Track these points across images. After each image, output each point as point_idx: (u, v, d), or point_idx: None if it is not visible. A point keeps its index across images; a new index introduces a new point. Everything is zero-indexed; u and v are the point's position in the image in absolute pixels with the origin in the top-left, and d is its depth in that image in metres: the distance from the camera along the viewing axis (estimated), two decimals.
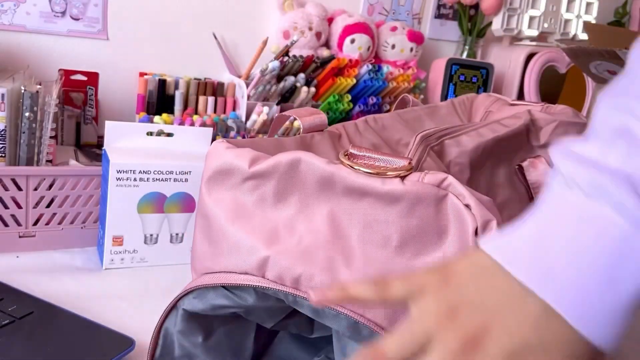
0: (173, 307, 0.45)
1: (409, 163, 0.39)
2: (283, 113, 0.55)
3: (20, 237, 0.72)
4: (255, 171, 0.41)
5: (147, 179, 0.69)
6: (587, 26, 1.27)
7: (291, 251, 0.39)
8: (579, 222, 0.29)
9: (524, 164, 0.59)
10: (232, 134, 0.92)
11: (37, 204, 0.71)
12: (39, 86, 0.72)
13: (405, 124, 0.61)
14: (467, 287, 0.30)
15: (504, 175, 0.55)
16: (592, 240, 0.28)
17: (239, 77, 1.07)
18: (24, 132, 0.71)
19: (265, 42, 1.06)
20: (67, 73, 0.96)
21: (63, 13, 0.97)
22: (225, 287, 0.41)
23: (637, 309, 0.29)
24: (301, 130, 0.52)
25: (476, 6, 1.30)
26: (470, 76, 1.23)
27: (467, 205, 0.37)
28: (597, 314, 0.28)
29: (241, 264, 0.40)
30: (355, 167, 0.39)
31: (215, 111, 1.00)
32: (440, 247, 0.38)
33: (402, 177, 0.38)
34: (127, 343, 0.53)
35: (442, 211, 0.38)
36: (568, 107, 0.66)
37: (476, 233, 0.37)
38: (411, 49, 1.20)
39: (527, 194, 0.58)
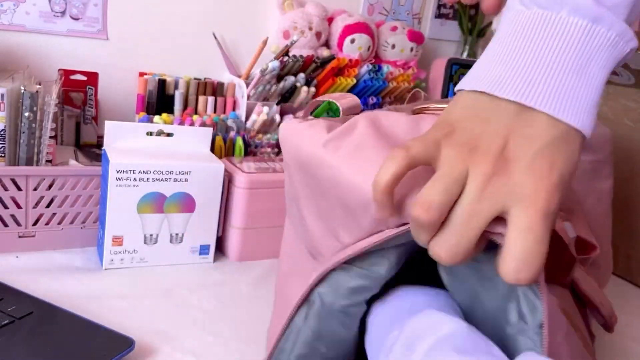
0: (305, 300, 0.44)
1: None
2: (317, 99, 0.56)
3: (20, 237, 0.71)
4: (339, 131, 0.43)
5: (147, 179, 0.69)
6: None
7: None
8: (543, 31, 0.32)
9: None
10: (232, 134, 0.92)
11: (36, 204, 0.71)
12: (38, 86, 0.72)
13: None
14: (472, 125, 0.33)
15: None
16: (558, 43, 0.31)
17: (239, 77, 1.06)
18: (23, 132, 0.71)
19: (265, 42, 1.06)
20: (66, 73, 0.96)
21: (63, 13, 0.97)
22: (356, 265, 0.41)
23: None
24: (341, 112, 0.53)
25: (476, 6, 1.30)
26: None
27: None
28: (575, 105, 0.31)
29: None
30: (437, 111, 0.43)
31: (215, 111, 0.99)
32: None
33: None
34: (127, 343, 0.53)
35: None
36: None
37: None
38: (411, 49, 1.20)
39: None
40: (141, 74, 0.99)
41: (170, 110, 0.97)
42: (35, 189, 0.71)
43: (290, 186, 0.47)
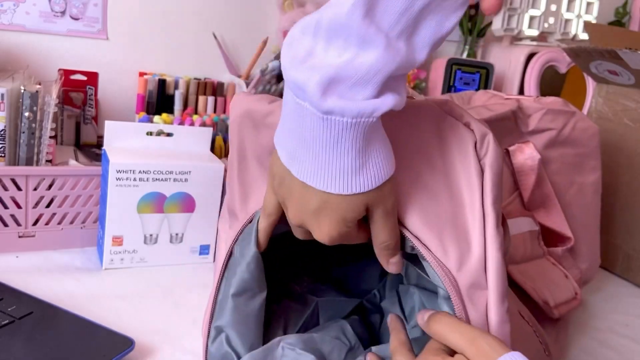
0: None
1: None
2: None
3: (19, 237, 0.71)
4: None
5: (147, 179, 0.69)
6: (587, 26, 1.27)
7: None
8: (301, 117, 0.37)
9: (511, 148, 0.62)
10: None
11: (36, 204, 0.71)
12: (38, 86, 0.72)
13: None
14: (275, 178, 0.42)
15: None
16: (312, 127, 0.37)
17: (239, 77, 1.06)
18: (23, 132, 0.71)
19: (265, 42, 1.06)
20: (66, 73, 0.96)
21: (63, 13, 0.97)
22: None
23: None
24: None
25: (476, 6, 1.30)
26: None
27: (465, 124, 0.41)
28: (331, 176, 0.38)
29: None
30: None
31: (215, 111, 1.00)
32: (444, 162, 0.41)
33: (411, 98, 0.43)
34: (127, 343, 0.53)
35: (443, 128, 0.42)
36: (558, 97, 0.68)
37: (475, 146, 0.41)
38: None
39: (512, 177, 0.62)
40: (141, 74, 1.00)
41: (170, 110, 0.97)
42: (35, 189, 0.71)
43: (230, 153, 0.52)
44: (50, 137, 0.73)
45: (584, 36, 1.36)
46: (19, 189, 0.70)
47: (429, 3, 0.35)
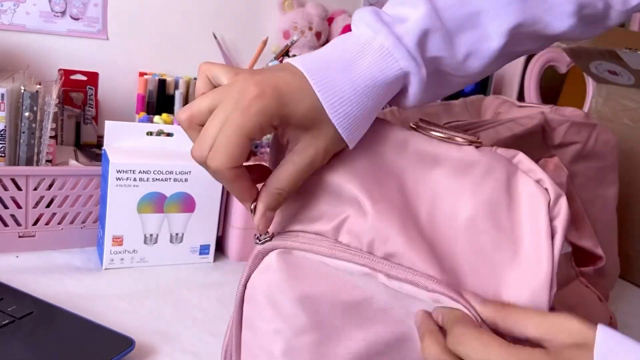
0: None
1: (477, 137, 0.39)
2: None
3: (20, 237, 0.71)
4: None
5: (147, 179, 0.69)
6: None
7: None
8: (348, 37, 0.40)
9: (539, 163, 0.59)
10: None
11: (36, 204, 0.71)
12: (38, 86, 0.72)
13: (425, 116, 0.62)
14: (267, 71, 0.38)
15: None
16: (347, 45, 0.39)
17: None
18: (23, 132, 0.71)
19: (265, 42, 1.06)
20: (67, 73, 0.96)
21: (63, 13, 0.97)
22: None
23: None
24: None
25: None
26: None
27: (537, 181, 0.38)
28: (330, 76, 0.37)
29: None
30: (431, 132, 0.39)
31: None
32: (510, 220, 0.37)
33: (476, 146, 0.38)
34: (127, 343, 0.53)
35: (513, 185, 0.38)
36: (577, 109, 0.67)
37: (548, 207, 0.37)
38: None
39: None
40: (141, 74, 1.00)
41: (170, 110, 0.97)
42: (35, 189, 0.71)
43: None
44: (51, 137, 0.73)
45: None
46: (19, 189, 0.70)
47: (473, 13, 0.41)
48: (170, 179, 0.70)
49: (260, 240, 0.40)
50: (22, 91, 0.70)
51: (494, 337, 0.33)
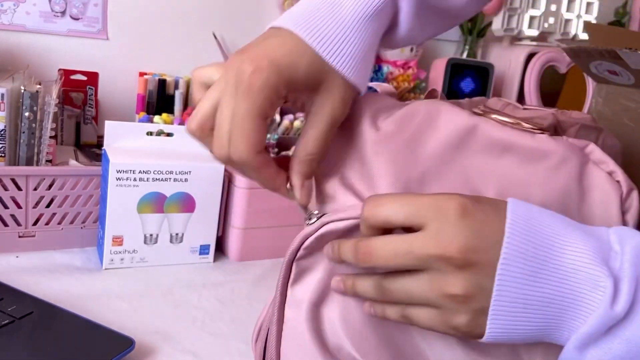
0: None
1: (545, 126, 0.38)
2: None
3: (20, 237, 0.71)
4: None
5: (147, 179, 0.69)
6: (587, 26, 1.27)
7: None
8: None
9: None
10: None
11: (36, 204, 0.71)
12: (38, 86, 0.72)
13: None
14: (254, 45, 0.37)
15: None
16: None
17: None
18: (23, 132, 0.71)
19: None
20: (66, 73, 0.96)
21: (63, 13, 0.97)
22: None
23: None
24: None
25: None
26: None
27: (610, 173, 0.37)
28: (321, 26, 0.36)
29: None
30: (501, 119, 0.37)
31: None
32: (579, 211, 0.36)
33: (551, 134, 0.37)
34: (127, 343, 0.53)
35: (585, 176, 0.37)
36: (583, 112, 0.66)
37: (621, 201, 0.36)
38: (411, 49, 1.20)
39: None
40: (141, 74, 0.99)
41: (170, 110, 0.97)
42: (35, 189, 0.71)
43: None
44: (50, 137, 0.73)
45: (584, 36, 1.37)
46: (19, 189, 0.70)
47: None
48: (170, 179, 0.70)
49: (310, 220, 0.38)
50: (22, 91, 0.70)
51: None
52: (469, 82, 1.22)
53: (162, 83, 0.97)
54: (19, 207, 0.70)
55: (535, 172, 0.36)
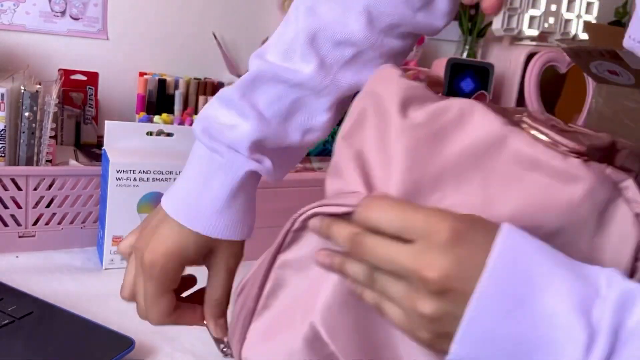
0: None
1: (587, 149, 0.36)
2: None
3: (20, 237, 0.71)
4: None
5: (147, 179, 0.69)
6: (587, 26, 1.27)
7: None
8: (195, 158, 0.46)
9: None
10: None
11: (36, 204, 0.71)
12: (38, 86, 0.72)
13: None
14: (149, 232, 0.46)
15: None
16: (196, 169, 0.45)
17: (239, 76, 1.06)
18: (23, 132, 0.71)
19: (265, 42, 1.06)
20: (66, 73, 0.96)
21: (63, 13, 0.97)
22: None
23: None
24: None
25: (476, 6, 1.30)
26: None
27: (636, 215, 0.34)
28: (196, 211, 0.44)
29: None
30: (539, 136, 0.35)
31: None
32: (589, 245, 0.34)
33: (585, 160, 0.35)
34: (127, 343, 0.53)
35: (610, 210, 0.34)
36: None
37: (637, 246, 0.34)
38: (411, 49, 1.20)
39: None
40: (141, 74, 1.00)
41: (170, 110, 0.97)
42: (35, 189, 0.71)
43: None
44: (50, 137, 0.73)
45: (584, 36, 1.36)
46: (19, 189, 0.70)
47: (296, 100, 0.45)
48: (170, 179, 0.70)
49: (225, 350, 0.51)
50: (22, 91, 0.70)
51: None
52: (469, 82, 1.22)
53: (162, 83, 0.97)
54: (19, 207, 0.70)
55: (558, 197, 0.34)
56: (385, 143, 0.37)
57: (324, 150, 0.94)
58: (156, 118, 0.91)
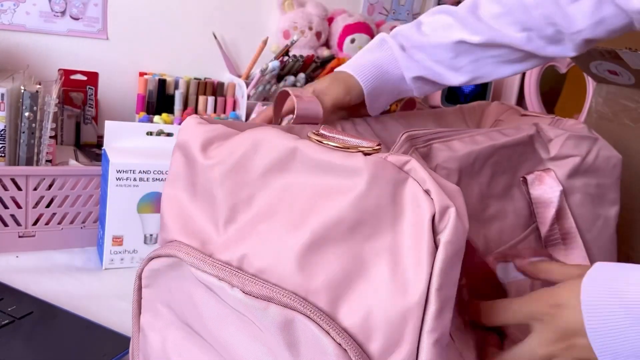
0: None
1: (378, 145, 0.38)
2: (285, 89, 0.55)
3: (20, 237, 0.71)
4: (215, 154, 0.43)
5: (147, 178, 0.69)
6: None
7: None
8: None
9: (530, 177, 0.56)
10: None
11: (36, 204, 0.71)
12: (38, 86, 0.72)
13: (408, 126, 0.60)
14: None
15: (503, 186, 0.53)
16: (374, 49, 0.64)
17: (239, 76, 1.07)
18: (23, 132, 0.71)
19: (265, 42, 1.06)
20: (66, 73, 0.96)
21: (63, 13, 0.97)
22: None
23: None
24: (293, 117, 0.52)
25: None
26: None
27: (426, 191, 0.36)
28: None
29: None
30: (324, 142, 0.38)
31: (215, 111, 1.00)
32: (393, 231, 0.36)
33: (366, 154, 0.37)
34: (126, 343, 0.53)
35: (400, 194, 0.36)
36: (579, 122, 0.64)
37: (433, 220, 0.35)
38: None
39: (528, 208, 0.56)
40: (141, 74, 1.00)
41: (170, 110, 0.97)
42: (35, 189, 0.71)
43: None
44: (50, 137, 0.73)
45: None
46: (19, 189, 0.70)
47: None
48: None
49: None
50: (22, 91, 0.70)
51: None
52: None
53: (162, 83, 0.97)
54: (19, 207, 0.70)
55: (347, 191, 0.36)
56: (195, 187, 0.46)
57: None
58: (156, 118, 0.91)
